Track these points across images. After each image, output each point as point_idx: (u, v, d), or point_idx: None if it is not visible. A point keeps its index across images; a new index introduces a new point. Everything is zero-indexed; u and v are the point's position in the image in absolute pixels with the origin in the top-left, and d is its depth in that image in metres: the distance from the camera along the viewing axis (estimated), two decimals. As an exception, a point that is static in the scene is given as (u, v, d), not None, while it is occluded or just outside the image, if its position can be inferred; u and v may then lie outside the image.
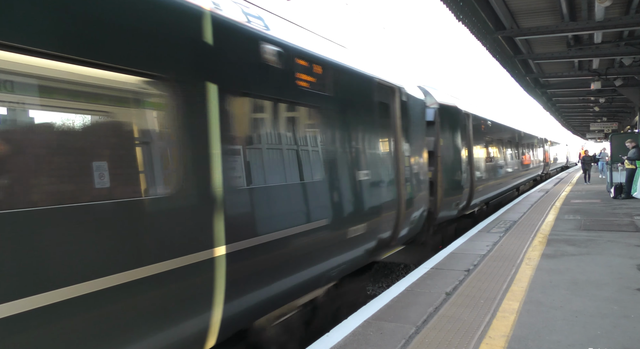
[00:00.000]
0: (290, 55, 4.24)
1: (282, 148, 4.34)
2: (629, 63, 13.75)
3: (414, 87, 7.96)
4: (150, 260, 2.79)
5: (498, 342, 3.80)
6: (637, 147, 14.14)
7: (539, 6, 9.91)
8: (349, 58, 5.54)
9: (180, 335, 3.04)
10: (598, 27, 10.18)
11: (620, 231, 8.65)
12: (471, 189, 11.13)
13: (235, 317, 3.55)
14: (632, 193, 14.06)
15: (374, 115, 5.95)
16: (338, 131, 5.05)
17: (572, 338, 3.83)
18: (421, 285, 5.58)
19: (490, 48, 11.46)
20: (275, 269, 3.95)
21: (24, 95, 2.44)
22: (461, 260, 6.81)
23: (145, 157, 3.05)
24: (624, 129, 29.37)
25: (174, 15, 3.13)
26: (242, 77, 3.69)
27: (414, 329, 4.15)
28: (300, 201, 4.37)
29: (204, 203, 3.21)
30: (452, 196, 9.70)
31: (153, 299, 2.85)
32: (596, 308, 4.51)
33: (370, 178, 5.65)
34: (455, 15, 9.08)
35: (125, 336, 2.71)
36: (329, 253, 4.79)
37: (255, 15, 4.03)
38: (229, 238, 3.37)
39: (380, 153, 6.08)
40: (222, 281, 3.32)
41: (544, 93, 19.86)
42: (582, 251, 7.04)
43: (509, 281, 5.57)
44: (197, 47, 3.28)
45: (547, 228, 9.37)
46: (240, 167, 3.64)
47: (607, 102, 21.89)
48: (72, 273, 2.40)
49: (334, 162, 4.93)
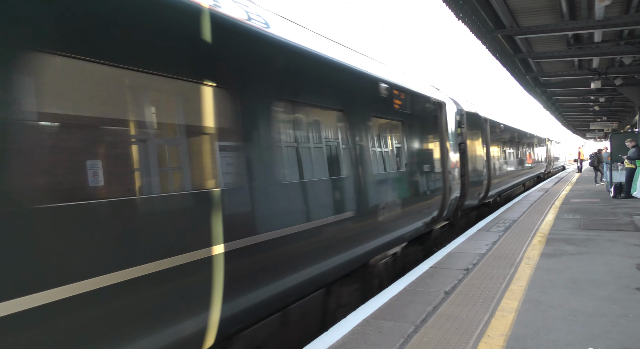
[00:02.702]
0: (391, 88, 6.67)
1: (394, 150, 7.05)
2: (629, 63, 13.72)
3: (449, 98, 10.18)
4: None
5: (497, 341, 3.80)
6: (636, 146, 14.14)
7: (539, 5, 9.89)
8: (416, 84, 8.07)
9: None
10: (598, 26, 10.16)
11: (620, 231, 8.64)
12: (489, 182, 13.25)
13: (359, 257, 5.54)
14: (632, 193, 14.06)
15: (431, 124, 8.47)
16: (415, 136, 7.57)
17: (571, 337, 3.82)
18: (420, 284, 5.58)
19: (490, 47, 11.44)
20: (386, 225, 6.27)
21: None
22: (460, 259, 6.81)
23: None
24: (623, 128, 29.36)
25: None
26: (377, 106, 6.31)
27: (412, 328, 4.15)
28: (380, 190, 6.25)
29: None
30: (475, 187, 11.74)
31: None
32: (595, 308, 4.51)
33: (430, 171, 8.08)
34: (455, 14, 9.06)
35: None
36: (407, 220, 7.08)
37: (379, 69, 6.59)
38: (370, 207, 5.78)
39: (434, 152, 8.48)
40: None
41: (544, 92, 19.83)
42: (581, 251, 7.04)
43: (508, 280, 5.57)
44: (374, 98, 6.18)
45: (547, 227, 9.37)
46: (381, 163, 6.44)
47: (607, 101, 21.86)
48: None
49: (412, 158, 7.40)
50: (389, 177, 6.58)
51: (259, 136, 3.91)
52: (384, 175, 6.40)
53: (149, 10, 3.01)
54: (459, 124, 10.78)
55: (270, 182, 4.00)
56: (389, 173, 6.63)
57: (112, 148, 3.07)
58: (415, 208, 7.41)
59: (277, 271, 4.06)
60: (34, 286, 2.26)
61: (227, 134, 3.68)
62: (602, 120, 31.01)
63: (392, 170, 6.82)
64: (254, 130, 3.86)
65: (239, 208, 3.67)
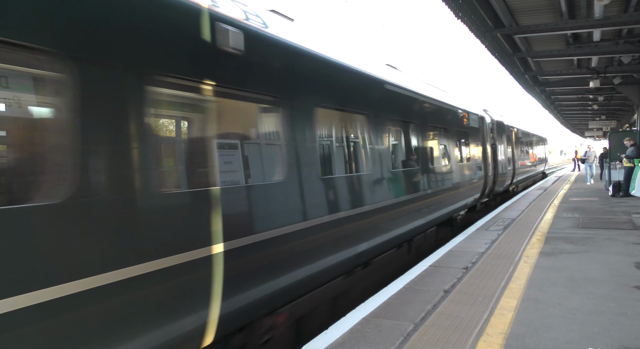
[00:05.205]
0: (444, 108, 10.01)
1: (453, 151, 10.36)
2: (627, 62, 13.72)
3: (485, 113, 14.17)
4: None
5: (496, 339, 3.82)
6: (635, 145, 14.16)
7: (538, 4, 9.89)
8: (464, 103, 11.90)
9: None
10: (597, 25, 10.16)
11: (618, 229, 8.67)
12: (513, 172, 18.02)
13: (404, 235, 7.29)
14: (630, 191, 14.08)
15: (478, 133, 12.66)
16: (468, 142, 11.66)
17: (570, 335, 3.84)
18: (419, 283, 5.59)
19: (489, 46, 11.45)
20: (455, 196, 10.04)
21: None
22: (459, 258, 6.83)
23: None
24: (622, 127, 29.37)
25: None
26: (437, 120, 9.40)
27: (412, 327, 4.16)
28: (458, 174, 10.45)
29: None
30: (502, 177, 15.48)
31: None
32: (594, 306, 4.52)
33: (476, 164, 12.18)
34: (455, 13, 9.07)
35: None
36: (460, 197, 10.65)
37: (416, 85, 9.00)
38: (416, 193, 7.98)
39: (480, 150, 12.69)
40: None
41: (543, 91, 19.83)
42: (580, 249, 7.06)
43: (507, 278, 5.59)
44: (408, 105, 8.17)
45: (546, 225, 9.39)
46: (431, 157, 8.84)
47: (605, 100, 21.87)
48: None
49: (469, 155, 11.61)
50: (464, 165, 10.99)
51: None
52: (460, 164, 10.71)
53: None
54: (490, 130, 14.36)
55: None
56: (464, 164, 11.02)
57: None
58: (469, 188, 11.39)
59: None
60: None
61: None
62: (601, 119, 30.99)
63: (458, 164, 10.64)
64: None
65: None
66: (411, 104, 7.95)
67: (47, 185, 2.48)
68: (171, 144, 3.87)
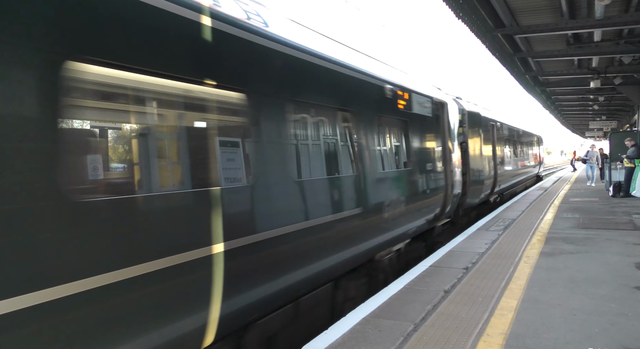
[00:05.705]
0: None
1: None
2: (628, 62, 13.72)
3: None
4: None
5: (496, 339, 3.81)
6: (636, 146, 14.15)
7: (539, 4, 9.89)
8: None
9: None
10: (598, 25, 10.16)
11: (619, 230, 8.66)
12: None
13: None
14: (631, 192, 14.07)
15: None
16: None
17: (570, 335, 3.84)
18: (420, 283, 5.59)
19: (489, 46, 11.45)
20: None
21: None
22: (460, 258, 6.82)
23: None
24: (623, 128, 29.36)
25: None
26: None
27: (412, 327, 4.16)
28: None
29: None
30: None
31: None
32: (594, 306, 4.52)
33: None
34: (455, 13, 9.07)
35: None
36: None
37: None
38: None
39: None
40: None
41: (544, 91, 19.83)
42: (580, 250, 7.05)
43: (507, 279, 5.58)
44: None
45: (546, 226, 9.38)
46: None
47: (606, 100, 21.87)
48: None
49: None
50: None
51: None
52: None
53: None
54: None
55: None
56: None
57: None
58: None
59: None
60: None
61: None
62: (601, 119, 31.01)
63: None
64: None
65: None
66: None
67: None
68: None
